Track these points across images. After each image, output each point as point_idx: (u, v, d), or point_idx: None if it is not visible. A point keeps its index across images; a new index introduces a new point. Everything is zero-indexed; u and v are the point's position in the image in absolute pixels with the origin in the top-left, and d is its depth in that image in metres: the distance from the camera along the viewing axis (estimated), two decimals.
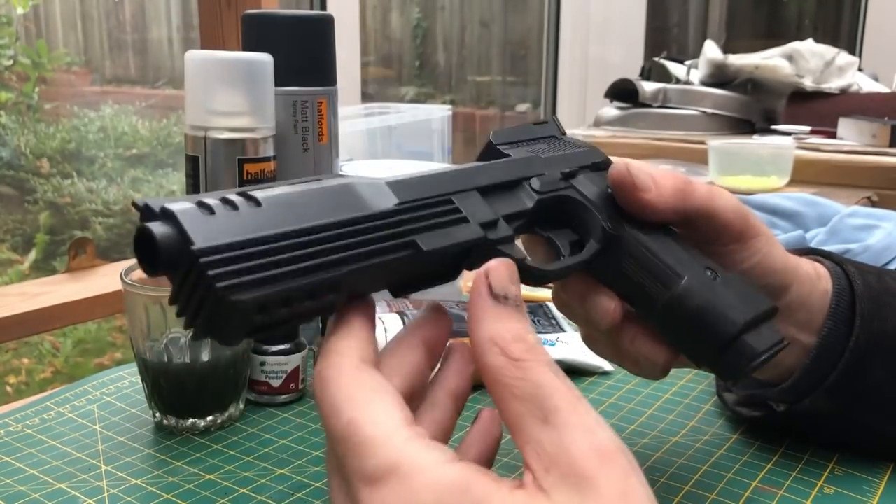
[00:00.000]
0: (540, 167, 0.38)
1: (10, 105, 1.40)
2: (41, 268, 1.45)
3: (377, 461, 0.25)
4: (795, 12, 2.64)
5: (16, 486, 0.44)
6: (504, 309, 0.28)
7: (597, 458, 0.25)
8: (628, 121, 1.68)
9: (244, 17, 0.57)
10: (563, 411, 0.26)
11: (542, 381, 0.27)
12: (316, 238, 0.28)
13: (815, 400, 0.44)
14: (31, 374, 1.52)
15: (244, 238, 0.26)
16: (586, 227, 0.38)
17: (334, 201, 0.29)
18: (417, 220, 0.31)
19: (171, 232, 0.26)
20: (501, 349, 0.27)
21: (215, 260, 0.25)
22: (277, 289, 0.26)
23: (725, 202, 0.40)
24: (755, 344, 0.37)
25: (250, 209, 0.27)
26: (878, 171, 1.36)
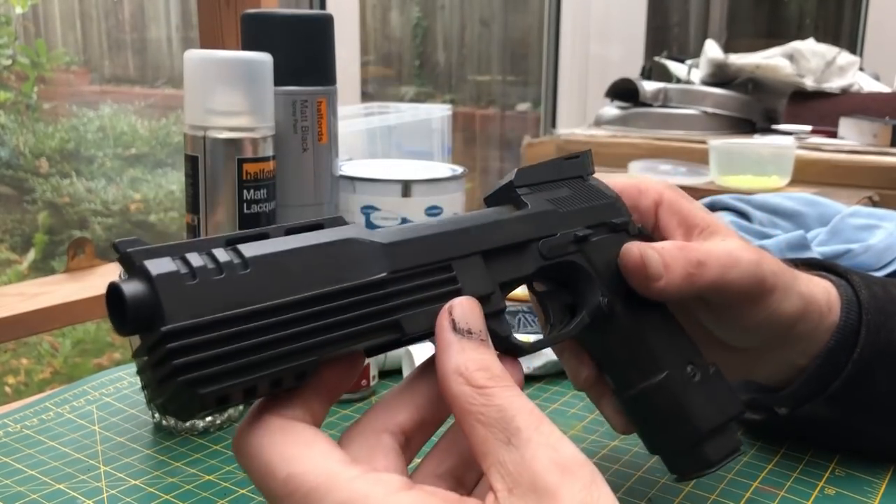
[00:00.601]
0: (554, 225, 0.36)
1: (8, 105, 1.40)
2: (40, 268, 1.44)
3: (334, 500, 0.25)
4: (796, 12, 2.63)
5: (15, 486, 0.44)
6: (468, 342, 0.29)
7: (558, 472, 0.26)
8: (629, 120, 1.68)
9: (243, 17, 0.57)
10: (525, 431, 0.27)
11: (504, 404, 0.27)
12: (295, 316, 0.26)
13: (816, 406, 0.44)
14: (29, 374, 1.52)
15: (218, 318, 0.25)
16: (583, 297, 0.37)
17: (327, 263, 0.28)
18: (408, 293, 0.29)
19: (144, 298, 0.24)
20: (465, 378, 0.28)
21: (182, 346, 0.24)
22: (243, 380, 0.25)
23: (741, 273, 0.38)
24: (711, 454, 0.37)
25: (234, 273, 0.26)
26: (879, 171, 1.35)
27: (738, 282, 0.38)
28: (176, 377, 0.24)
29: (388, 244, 0.29)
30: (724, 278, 0.38)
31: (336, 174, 0.59)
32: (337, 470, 0.26)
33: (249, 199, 0.51)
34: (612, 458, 0.48)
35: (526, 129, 2.49)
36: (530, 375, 0.58)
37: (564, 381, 0.58)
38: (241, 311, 0.25)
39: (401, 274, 0.29)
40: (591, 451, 0.49)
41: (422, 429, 0.30)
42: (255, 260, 0.26)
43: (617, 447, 0.49)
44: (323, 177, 0.58)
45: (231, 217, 0.51)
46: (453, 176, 0.64)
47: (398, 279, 0.29)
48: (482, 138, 2.45)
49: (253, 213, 0.52)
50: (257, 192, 0.52)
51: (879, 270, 0.71)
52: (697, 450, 0.37)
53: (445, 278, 0.31)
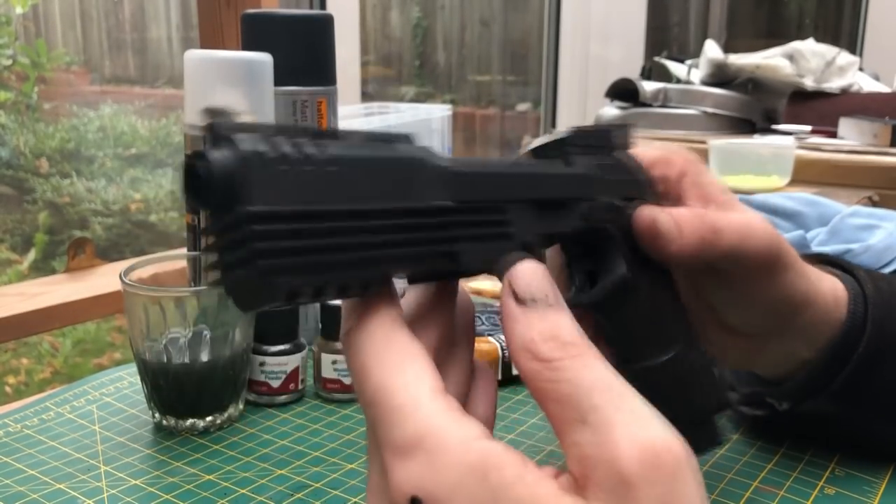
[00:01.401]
0: (597, 190, 0.37)
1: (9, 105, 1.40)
2: (40, 268, 1.45)
3: (405, 432, 0.24)
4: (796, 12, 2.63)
5: (15, 486, 0.44)
6: (532, 312, 0.27)
7: (639, 458, 0.23)
8: (629, 120, 1.68)
9: (244, 17, 0.57)
10: (604, 409, 0.24)
11: (577, 379, 0.25)
12: (369, 226, 0.26)
13: (820, 401, 0.44)
14: (30, 374, 1.52)
15: (301, 210, 0.24)
16: (607, 266, 0.37)
17: (400, 177, 0.27)
18: (465, 226, 0.29)
19: (233, 171, 0.23)
20: (533, 354, 0.26)
21: (266, 231, 0.23)
22: (316, 280, 0.24)
23: (759, 242, 0.38)
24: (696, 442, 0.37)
25: (321, 170, 0.25)
26: (878, 171, 1.35)
27: (756, 251, 0.38)
28: (255, 261, 0.23)
29: (455, 172, 0.29)
30: (742, 246, 0.37)
31: None
32: (425, 399, 0.25)
33: None
34: None
35: (526, 129, 2.49)
36: None
37: None
38: (325, 208, 0.24)
39: (463, 206, 0.29)
40: None
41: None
42: (339, 159, 0.25)
43: None
44: None
45: None
46: None
47: (460, 210, 0.29)
48: (482, 138, 2.45)
49: None
50: None
51: (879, 270, 0.71)
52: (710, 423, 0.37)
53: (500, 219, 0.31)
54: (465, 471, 0.23)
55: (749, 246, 0.38)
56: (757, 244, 0.38)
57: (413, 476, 0.24)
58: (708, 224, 0.37)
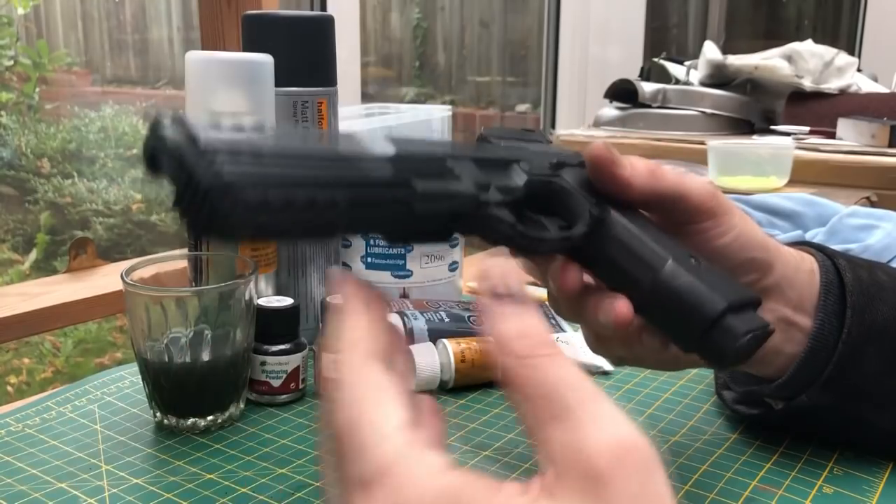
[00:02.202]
0: (529, 156, 0.39)
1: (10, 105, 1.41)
2: (42, 268, 1.45)
3: (371, 465, 0.25)
4: (795, 13, 2.64)
5: (17, 485, 0.45)
6: (507, 307, 0.27)
7: (610, 456, 0.24)
8: (628, 121, 1.68)
9: (244, 18, 0.57)
10: (575, 409, 0.25)
11: (550, 378, 0.25)
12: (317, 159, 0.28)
13: (812, 395, 0.44)
14: (31, 373, 1.52)
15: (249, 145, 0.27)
16: (573, 213, 0.39)
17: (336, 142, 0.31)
18: (414, 167, 0.31)
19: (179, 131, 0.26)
20: (508, 349, 0.26)
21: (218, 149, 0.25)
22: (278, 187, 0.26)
23: (694, 182, 0.41)
24: (740, 325, 0.37)
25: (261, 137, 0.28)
26: (877, 172, 1.36)
27: (696, 191, 0.40)
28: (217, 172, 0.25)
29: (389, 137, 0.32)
30: (683, 184, 0.40)
31: None
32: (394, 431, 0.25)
33: None
34: None
35: None
36: None
37: None
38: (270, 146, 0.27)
39: (405, 155, 0.31)
40: None
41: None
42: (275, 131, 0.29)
43: None
44: None
45: None
46: None
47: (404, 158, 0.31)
48: None
49: None
50: None
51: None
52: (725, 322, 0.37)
53: (445, 167, 0.33)
54: (428, 494, 0.23)
55: (689, 185, 0.41)
56: (695, 184, 0.41)
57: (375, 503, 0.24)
58: (650, 164, 0.40)
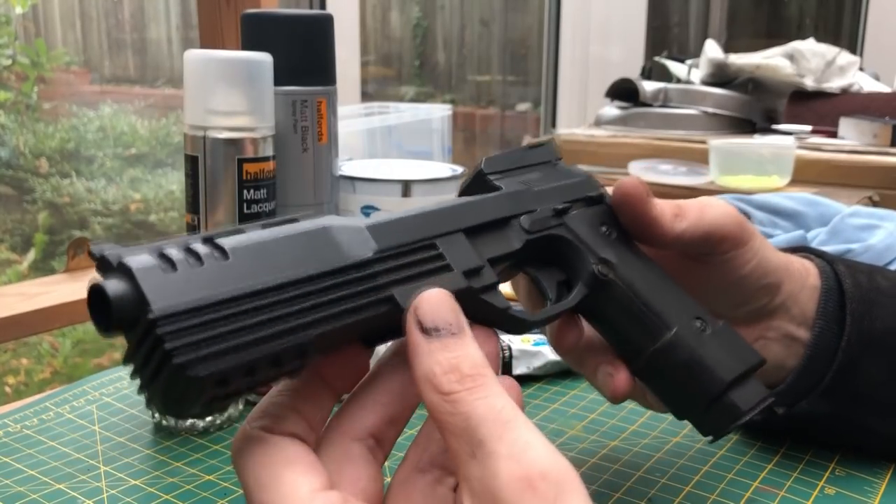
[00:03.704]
0: (531, 202, 0.37)
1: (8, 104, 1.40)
2: (40, 268, 1.45)
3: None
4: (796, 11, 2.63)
5: (15, 486, 0.44)
6: (436, 342, 0.27)
7: (519, 486, 0.24)
8: (629, 120, 1.68)
9: (243, 17, 0.57)
10: (488, 442, 0.25)
11: (470, 412, 0.25)
12: (285, 298, 0.26)
13: (813, 402, 0.44)
14: (29, 374, 1.52)
15: (205, 301, 0.25)
16: (575, 269, 0.37)
17: (308, 249, 0.27)
18: (396, 270, 0.29)
19: (126, 292, 0.24)
20: (433, 385, 0.26)
21: (173, 330, 0.24)
22: (240, 359, 0.25)
23: (718, 213, 0.40)
24: (740, 402, 0.36)
25: (216, 263, 0.26)
26: (879, 171, 1.35)
27: (720, 221, 0.40)
28: (170, 361, 0.24)
29: (370, 226, 0.30)
30: (706, 219, 0.39)
31: (336, 174, 0.59)
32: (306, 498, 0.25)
33: (249, 199, 0.51)
34: (613, 458, 0.48)
35: (526, 129, 2.49)
36: (530, 375, 0.58)
37: (564, 380, 0.58)
38: (226, 294, 0.25)
39: (386, 253, 0.29)
40: (592, 451, 0.49)
41: (391, 425, 0.29)
42: (234, 250, 0.26)
43: (617, 447, 0.49)
44: (323, 177, 0.58)
45: (231, 217, 0.51)
46: (453, 176, 0.64)
47: (384, 258, 0.29)
48: (482, 138, 2.45)
49: (253, 213, 0.52)
50: (257, 192, 0.52)
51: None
52: (724, 400, 0.36)
53: (433, 255, 0.31)
54: None
55: (709, 218, 0.40)
56: (717, 213, 0.40)
57: None
58: (673, 203, 0.39)
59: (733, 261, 0.41)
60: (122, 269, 0.25)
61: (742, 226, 0.40)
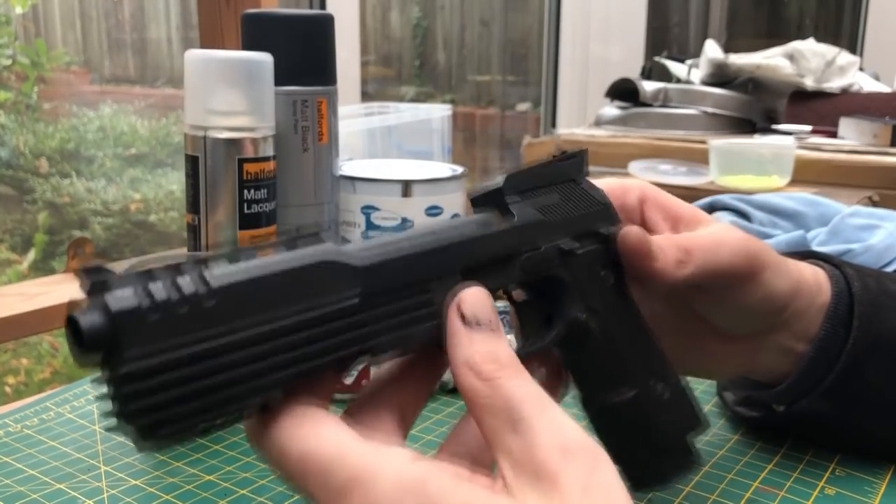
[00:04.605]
0: (539, 237, 0.36)
1: (8, 105, 1.40)
2: (40, 268, 1.45)
3: (339, 479, 0.25)
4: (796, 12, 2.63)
5: (15, 486, 0.44)
6: (476, 333, 0.29)
7: (559, 455, 0.26)
8: (629, 120, 1.68)
9: (244, 17, 0.57)
10: (529, 418, 0.27)
11: (510, 394, 0.28)
12: (259, 352, 0.26)
13: (812, 402, 0.44)
14: (29, 374, 1.52)
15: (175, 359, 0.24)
16: (561, 310, 0.37)
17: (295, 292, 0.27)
18: (379, 319, 0.29)
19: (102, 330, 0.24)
20: (474, 371, 0.28)
21: (139, 390, 0.24)
22: (201, 419, 0.25)
23: (730, 252, 0.39)
24: (668, 469, 0.38)
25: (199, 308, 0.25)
26: (879, 171, 1.35)
27: (729, 261, 0.39)
28: (130, 420, 0.24)
29: (361, 268, 0.29)
30: (713, 261, 0.39)
31: (336, 174, 0.59)
32: (348, 445, 0.26)
33: (250, 199, 0.51)
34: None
35: (526, 129, 2.49)
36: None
37: None
38: (201, 348, 0.25)
39: (374, 299, 0.29)
40: None
41: (415, 402, 0.31)
42: (220, 289, 0.26)
43: None
44: (323, 177, 0.58)
45: (231, 217, 0.51)
46: (453, 176, 0.64)
47: (371, 304, 0.29)
48: (482, 138, 2.45)
49: (253, 213, 0.52)
50: (258, 192, 0.52)
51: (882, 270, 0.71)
52: (655, 464, 0.38)
53: (422, 300, 0.30)
54: (403, 493, 0.25)
55: (720, 259, 0.39)
56: (727, 255, 0.39)
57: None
58: (680, 246, 0.38)
59: (738, 293, 0.40)
60: (104, 307, 0.24)
61: (754, 260, 0.40)
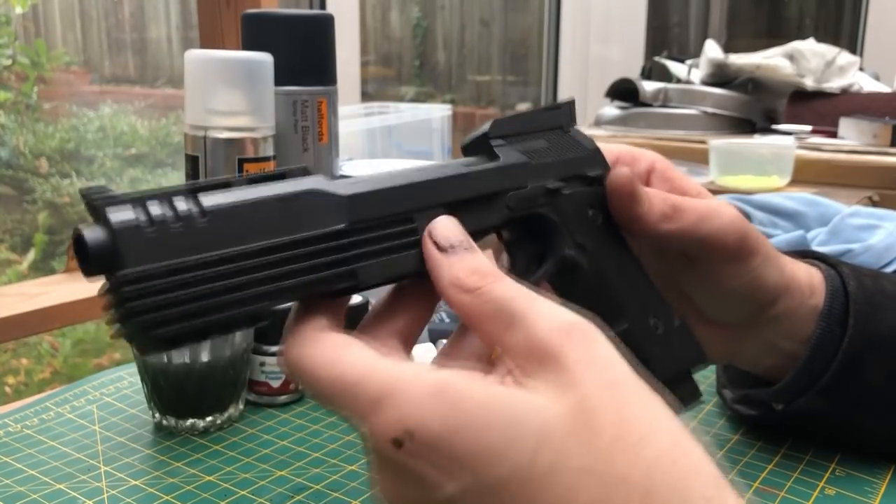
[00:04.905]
0: (524, 177, 0.36)
1: (8, 105, 1.40)
2: (40, 268, 1.45)
3: (369, 394, 0.27)
4: (796, 11, 2.63)
5: (15, 486, 0.44)
6: (454, 255, 0.31)
7: (557, 336, 0.28)
8: (629, 120, 1.68)
9: (244, 17, 0.57)
10: (521, 311, 0.28)
11: (498, 296, 0.29)
12: (248, 266, 0.28)
13: (810, 400, 0.44)
14: (29, 374, 1.52)
15: (171, 267, 0.26)
16: (550, 246, 0.37)
17: (283, 215, 0.29)
18: (366, 244, 0.30)
19: (105, 245, 0.26)
20: (461, 287, 0.30)
21: (136, 291, 0.26)
22: (194, 326, 0.27)
23: (722, 224, 0.39)
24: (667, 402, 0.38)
25: (192, 224, 0.27)
26: (879, 171, 1.35)
27: (719, 233, 0.39)
28: (130, 319, 0.26)
29: (349, 196, 0.30)
30: (702, 227, 0.39)
31: (336, 174, 0.59)
32: (374, 362, 0.28)
33: None
34: None
35: None
36: None
37: None
38: (194, 258, 0.27)
39: (360, 225, 0.30)
40: None
41: (414, 328, 0.33)
42: (213, 210, 0.27)
43: None
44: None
45: None
46: None
47: (357, 230, 0.30)
48: None
49: None
50: None
51: (879, 270, 0.71)
52: None
53: (406, 229, 0.32)
54: (426, 397, 0.26)
55: (709, 227, 0.39)
56: (720, 225, 0.39)
57: (388, 420, 0.26)
58: (669, 202, 0.39)
59: (725, 272, 0.41)
60: (105, 220, 0.26)
61: (743, 241, 0.40)
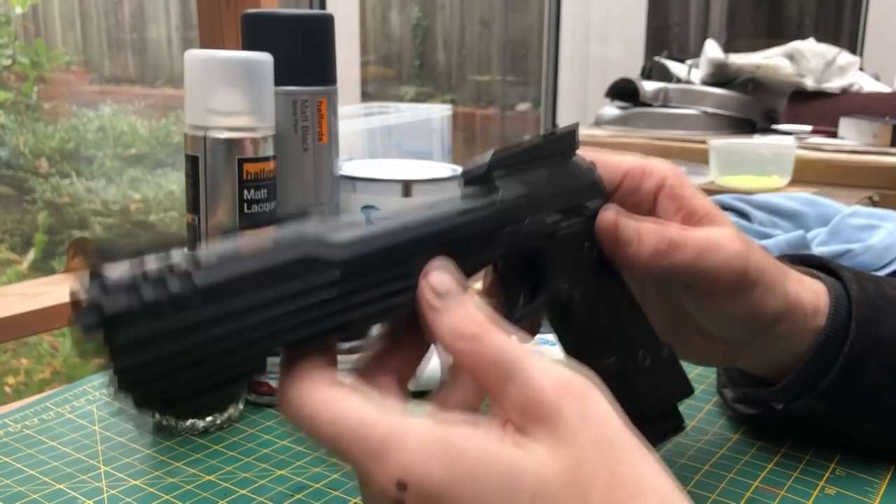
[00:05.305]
0: (523, 213, 0.36)
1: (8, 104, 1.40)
2: (40, 268, 1.45)
3: (371, 443, 0.27)
4: (796, 11, 2.63)
5: (15, 486, 0.44)
6: (450, 301, 0.31)
7: (555, 392, 0.28)
8: (629, 120, 1.68)
9: (244, 17, 0.57)
10: (520, 365, 0.29)
11: (498, 346, 0.29)
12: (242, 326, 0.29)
13: (810, 402, 0.44)
14: (29, 374, 1.52)
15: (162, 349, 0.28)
16: (544, 280, 0.37)
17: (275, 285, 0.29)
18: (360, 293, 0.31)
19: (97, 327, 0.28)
20: (459, 336, 0.30)
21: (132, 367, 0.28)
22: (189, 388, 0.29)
23: (721, 261, 0.39)
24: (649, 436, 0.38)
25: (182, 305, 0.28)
26: (879, 171, 1.35)
27: (717, 270, 0.39)
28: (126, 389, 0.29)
29: (339, 262, 0.30)
30: (700, 263, 0.39)
31: (336, 174, 0.59)
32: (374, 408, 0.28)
33: (250, 199, 0.51)
34: None
35: (526, 129, 2.50)
36: None
37: None
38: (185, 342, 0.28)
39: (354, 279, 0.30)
40: None
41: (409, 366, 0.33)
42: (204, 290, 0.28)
43: None
44: (323, 177, 0.58)
45: (231, 217, 0.51)
46: (453, 176, 0.64)
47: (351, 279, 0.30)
48: (482, 138, 2.45)
49: (253, 212, 0.52)
50: (258, 192, 0.52)
51: (880, 270, 0.71)
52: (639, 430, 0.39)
53: (401, 274, 0.32)
54: (429, 448, 0.27)
55: (710, 264, 0.39)
56: (719, 262, 0.39)
57: (391, 469, 0.27)
58: (665, 237, 0.38)
59: (723, 302, 0.41)
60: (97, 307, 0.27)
61: (742, 277, 0.39)
